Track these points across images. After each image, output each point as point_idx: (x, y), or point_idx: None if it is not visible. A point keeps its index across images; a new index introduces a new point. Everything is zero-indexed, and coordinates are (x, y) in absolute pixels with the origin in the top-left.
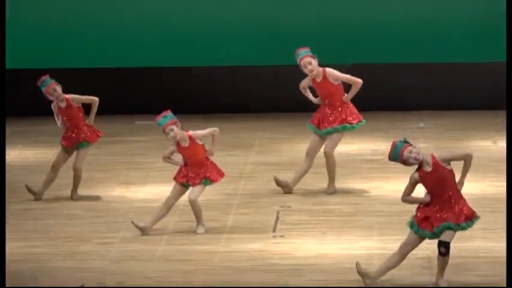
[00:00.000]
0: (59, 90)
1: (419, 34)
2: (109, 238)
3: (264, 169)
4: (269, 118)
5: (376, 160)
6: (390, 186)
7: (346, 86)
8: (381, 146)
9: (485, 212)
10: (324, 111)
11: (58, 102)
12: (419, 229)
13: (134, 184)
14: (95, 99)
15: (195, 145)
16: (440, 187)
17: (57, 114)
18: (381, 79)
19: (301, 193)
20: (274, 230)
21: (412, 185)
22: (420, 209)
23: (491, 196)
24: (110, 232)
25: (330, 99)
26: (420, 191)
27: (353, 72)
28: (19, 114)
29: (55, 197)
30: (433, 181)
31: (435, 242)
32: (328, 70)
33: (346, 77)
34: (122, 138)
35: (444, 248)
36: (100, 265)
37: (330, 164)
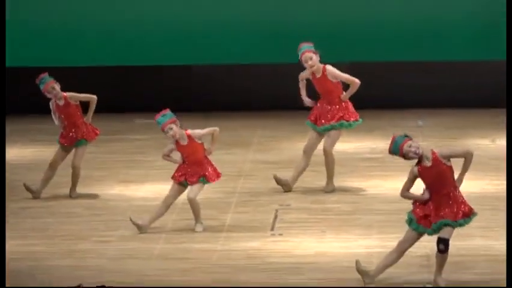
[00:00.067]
0: (58, 88)
1: (418, 32)
2: (108, 236)
3: (263, 167)
4: (268, 116)
5: (375, 158)
6: (389, 184)
7: (345, 84)
8: (380, 145)
9: (484, 210)
10: (321, 108)
11: (56, 100)
12: (418, 225)
13: (133, 182)
14: (93, 97)
15: (194, 144)
16: (439, 183)
17: (54, 112)
18: (380, 77)
19: (300, 191)
20: (272, 229)
21: (411, 180)
22: (418, 206)
23: (490, 194)
24: (108, 230)
25: (328, 96)
26: (419, 187)
27: (352, 70)
28: (19, 112)
29: (53, 195)
30: (432, 176)
31: (433, 240)
32: (328, 67)
33: (345, 77)
34: (121, 136)
35: (443, 245)
36: (98, 263)
37: (328, 162)
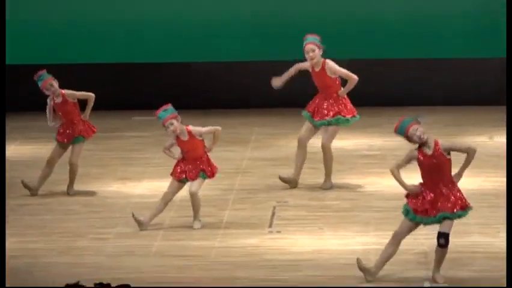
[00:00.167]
0: (56, 85)
1: (417, 30)
2: (105, 233)
3: (261, 164)
4: (266, 113)
5: (373, 155)
6: (386, 181)
7: (344, 81)
8: (378, 142)
9: (482, 207)
10: (319, 102)
11: (54, 97)
12: (415, 216)
13: (130, 179)
14: (91, 95)
15: (194, 140)
16: (436, 174)
17: (50, 109)
18: (379, 75)
19: (298, 188)
20: (270, 226)
21: (407, 160)
22: (414, 197)
23: (488, 191)
24: (106, 227)
25: (326, 91)
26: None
27: (351, 67)
28: (19, 110)
29: (51, 193)
30: (430, 166)
31: (431, 238)
32: (328, 62)
33: (343, 72)
34: (119, 133)
35: (443, 239)
36: (96, 260)
37: (327, 159)
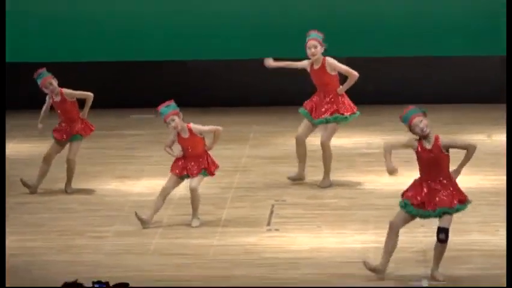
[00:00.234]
0: (55, 84)
1: (416, 27)
2: (104, 232)
3: (259, 162)
4: (265, 111)
5: (371, 154)
6: (385, 179)
7: (342, 79)
8: (376, 140)
9: (480, 205)
10: (318, 100)
11: (53, 95)
12: (413, 209)
13: (129, 178)
14: (89, 94)
15: (195, 137)
16: (434, 169)
17: (46, 109)
18: (378, 72)
19: (296, 187)
20: (269, 224)
21: (404, 145)
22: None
23: (486, 189)
24: (104, 226)
25: (324, 88)
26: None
27: (350, 65)
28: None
29: (50, 191)
30: (428, 160)
31: (430, 235)
32: (328, 59)
33: (344, 68)
34: (118, 132)
35: (443, 234)
36: (94, 259)
37: (326, 156)
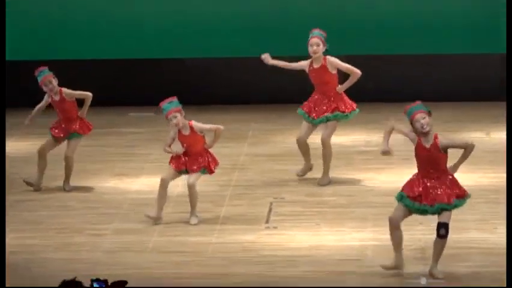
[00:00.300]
0: (55, 83)
1: (416, 25)
2: (102, 229)
3: (258, 160)
4: (264, 109)
5: (370, 151)
6: (384, 177)
7: (341, 78)
8: (375, 137)
9: (479, 203)
10: (316, 99)
11: (52, 94)
12: (410, 201)
13: (128, 175)
14: (88, 94)
15: (196, 135)
16: (431, 166)
17: (40, 108)
18: (378, 70)
19: (294, 184)
20: (267, 222)
21: (405, 133)
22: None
23: (485, 187)
24: (103, 223)
25: (323, 87)
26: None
27: (349, 63)
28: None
29: (48, 188)
30: (425, 158)
31: (428, 233)
32: (329, 57)
33: (346, 66)
34: (117, 129)
35: (444, 229)
36: (93, 256)
37: (326, 154)
